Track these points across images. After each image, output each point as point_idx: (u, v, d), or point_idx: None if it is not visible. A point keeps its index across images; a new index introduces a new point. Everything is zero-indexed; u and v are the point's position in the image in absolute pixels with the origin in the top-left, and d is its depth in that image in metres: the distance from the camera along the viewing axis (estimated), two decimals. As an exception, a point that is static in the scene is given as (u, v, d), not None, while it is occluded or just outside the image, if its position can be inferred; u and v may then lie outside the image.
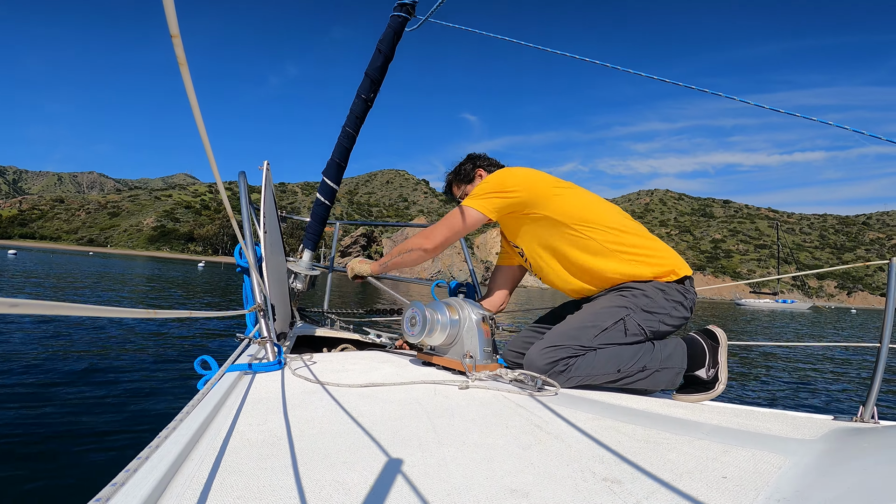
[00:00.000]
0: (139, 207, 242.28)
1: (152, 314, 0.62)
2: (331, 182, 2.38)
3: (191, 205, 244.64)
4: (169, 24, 0.47)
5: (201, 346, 6.19)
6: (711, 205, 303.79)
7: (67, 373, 4.16)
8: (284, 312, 2.05)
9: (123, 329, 6.63)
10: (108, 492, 0.52)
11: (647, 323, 1.57)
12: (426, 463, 0.70)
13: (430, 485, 0.63)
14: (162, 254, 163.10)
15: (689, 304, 1.64)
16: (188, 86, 0.56)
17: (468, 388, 1.23)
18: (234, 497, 0.56)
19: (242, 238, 1.48)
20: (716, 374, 1.53)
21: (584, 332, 1.54)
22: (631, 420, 0.99)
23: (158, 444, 0.66)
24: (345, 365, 1.48)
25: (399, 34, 2.30)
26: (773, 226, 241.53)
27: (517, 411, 1.03)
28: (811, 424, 0.97)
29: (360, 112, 2.35)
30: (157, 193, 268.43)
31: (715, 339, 1.58)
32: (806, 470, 0.68)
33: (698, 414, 1.07)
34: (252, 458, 0.68)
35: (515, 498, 0.61)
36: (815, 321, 27.16)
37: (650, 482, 0.66)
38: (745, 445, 0.81)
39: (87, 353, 5.07)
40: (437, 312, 1.46)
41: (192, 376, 4.01)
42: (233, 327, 7.91)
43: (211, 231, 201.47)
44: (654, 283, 1.63)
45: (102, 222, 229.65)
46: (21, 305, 0.33)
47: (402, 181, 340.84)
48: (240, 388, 1.05)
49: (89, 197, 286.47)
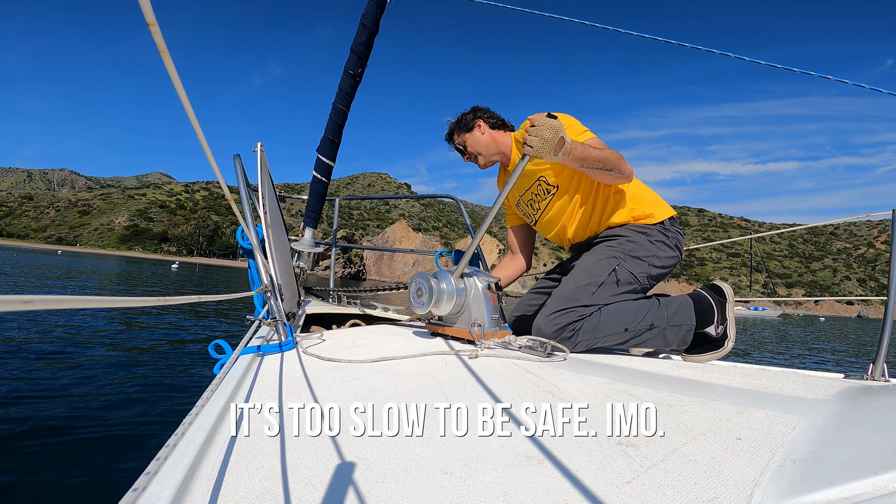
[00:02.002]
0: (111, 206, 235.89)
1: (163, 301, 0.62)
2: (325, 159, 2.37)
3: (165, 204, 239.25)
4: (144, 11, 0.46)
5: (213, 331, 6.20)
6: (687, 213, 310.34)
7: (83, 367, 4.20)
8: (291, 291, 2.05)
9: (129, 320, 6.61)
10: (142, 481, 0.53)
11: (638, 268, 1.58)
12: (442, 434, 0.71)
13: (448, 456, 0.63)
14: (134, 253, 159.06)
15: (674, 244, 1.67)
16: (172, 74, 0.56)
17: (478, 356, 1.24)
18: (261, 478, 0.57)
19: (244, 220, 1.47)
20: (724, 330, 1.52)
21: (581, 292, 1.55)
22: (642, 383, 0.99)
23: (183, 431, 0.67)
24: (355, 340, 1.49)
25: (382, 7, 2.27)
26: (745, 234, 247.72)
27: (528, 378, 1.03)
28: (822, 384, 0.97)
29: (348, 88, 2.34)
30: (130, 192, 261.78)
31: (722, 294, 1.57)
32: (820, 430, 0.68)
33: (709, 374, 1.07)
34: (273, 438, 0.69)
35: (532, 464, 0.60)
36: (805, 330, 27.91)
37: (665, 445, 0.66)
38: (757, 406, 0.81)
39: (99, 346, 5.13)
40: (443, 282, 1.46)
41: (207, 360, 4.03)
42: (234, 312, 7.83)
43: (186, 231, 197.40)
44: (632, 225, 1.66)
45: (72, 220, 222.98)
46: (35, 302, 0.32)
47: (383, 184, 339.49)
48: (255, 369, 1.06)
49: (59, 194, 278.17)
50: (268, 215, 1.72)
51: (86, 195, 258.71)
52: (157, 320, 7.01)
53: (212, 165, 0.84)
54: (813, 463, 0.58)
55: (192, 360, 4.65)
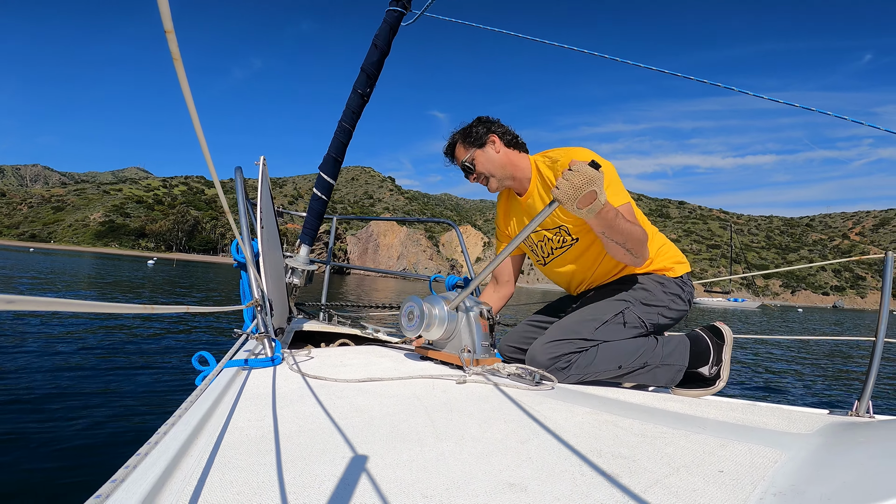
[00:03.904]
0: (86, 202, 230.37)
1: (150, 309, 0.60)
2: (327, 177, 2.38)
3: (142, 199, 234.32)
4: (163, 19, 0.46)
5: (197, 343, 6.14)
6: (668, 205, 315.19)
7: (65, 370, 4.11)
8: (282, 307, 2.02)
9: (117, 325, 6.49)
10: (107, 488, 0.51)
11: (647, 315, 1.56)
12: (425, 458, 0.70)
13: (429, 479, 0.62)
14: (109, 250, 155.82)
15: (688, 298, 1.64)
16: (183, 83, 0.55)
17: (466, 382, 1.23)
18: (234, 493, 0.55)
19: (239, 233, 1.46)
20: (718, 371, 1.52)
21: (584, 326, 1.53)
22: (628, 414, 0.99)
23: (157, 440, 0.65)
24: (343, 360, 1.48)
25: (395, 29, 2.28)
26: (724, 227, 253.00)
27: (515, 406, 1.03)
28: (807, 419, 0.98)
29: (355, 107, 2.33)
30: (105, 187, 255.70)
31: (720, 336, 1.57)
32: (802, 464, 0.68)
33: (695, 408, 1.08)
34: (251, 453, 0.67)
35: (514, 492, 0.60)
36: (794, 320, 28.53)
37: (648, 476, 0.66)
38: (741, 440, 0.82)
39: (81, 349, 4.98)
40: (435, 307, 1.44)
41: (190, 372, 3.94)
42: (226, 324, 7.72)
43: (164, 227, 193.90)
44: (652, 275, 1.63)
45: (46, 217, 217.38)
46: (17, 302, 0.32)
47: (367, 178, 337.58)
48: (237, 383, 1.04)
49: (33, 190, 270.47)
50: (264, 230, 1.70)
51: (60, 191, 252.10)
52: (139, 324, 6.88)
53: (212, 175, 0.83)
54: (793, 496, 0.57)
55: (174, 369, 4.58)
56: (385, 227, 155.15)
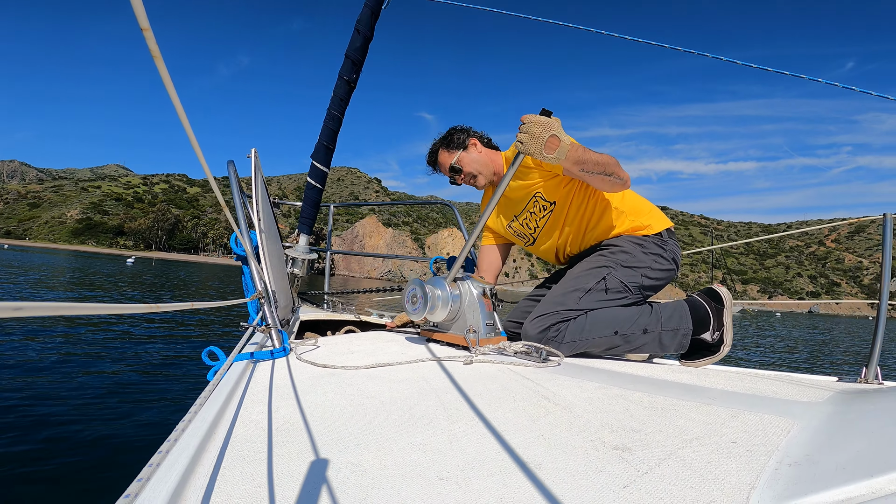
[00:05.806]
0: (63, 199, 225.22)
1: (156, 308, 0.60)
2: (320, 165, 2.38)
3: (122, 197, 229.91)
4: (138, 17, 0.46)
5: (205, 338, 6.07)
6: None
7: (75, 375, 4.06)
8: (286, 298, 2.02)
9: (121, 327, 6.42)
10: (134, 488, 0.52)
11: (629, 278, 1.56)
12: (438, 440, 0.70)
13: (444, 461, 0.62)
14: (87, 248, 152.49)
15: (670, 256, 1.64)
16: (166, 79, 0.55)
17: (473, 362, 1.23)
18: (256, 485, 0.56)
19: (237, 227, 1.45)
20: (721, 336, 1.50)
21: (569, 297, 1.55)
22: (637, 387, 0.99)
23: (176, 437, 0.65)
24: (350, 347, 1.47)
25: (376, 13, 2.27)
26: (705, 232, 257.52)
27: (524, 384, 1.03)
28: (816, 387, 0.98)
29: (343, 94, 2.33)
30: (84, 184, 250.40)
31: (719, 299, 1.54)
32: (815, 433, 0.69)
33: (704, 379, 1.07)
34: (268, 445, 0.68)
35: (528, 470, 0.60)
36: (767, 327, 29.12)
37: (661, 449, 0.65)
38: (752, 410, 0.82)
39: (93, 354, 4.91)
40: (438, 288, 1.45)
41: (201, 367, 3.90)
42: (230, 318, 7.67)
43: (144, 225, 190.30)
44: (629, 236, 1.63)
45: (21, 213, 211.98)
46: (25, 309, 0.32)
47: (353, 179, 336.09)
48: (248, 376, 1.04)
49: (8, 186, 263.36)
50: (262, 222, 1.69)
51: (36, 187, 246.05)
52: (147, 324, 6.76)
53: (206, 172, 0.83)
54: (808, 466, 0.57)
55: (186, 366, 4.53)
56: (370, 228, 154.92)
